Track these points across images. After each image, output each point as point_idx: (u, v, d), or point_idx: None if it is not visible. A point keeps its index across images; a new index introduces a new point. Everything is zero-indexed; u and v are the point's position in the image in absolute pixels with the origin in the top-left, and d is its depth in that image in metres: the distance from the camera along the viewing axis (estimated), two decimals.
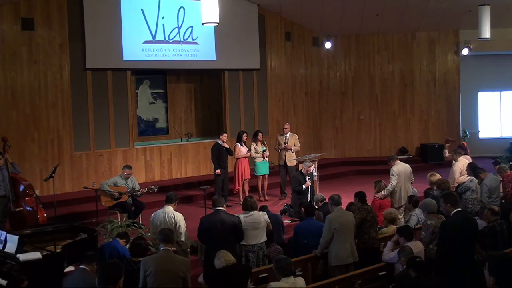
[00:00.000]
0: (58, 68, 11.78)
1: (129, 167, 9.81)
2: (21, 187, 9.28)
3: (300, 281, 5.58)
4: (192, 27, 13.37)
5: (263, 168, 11.71)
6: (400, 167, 9.48)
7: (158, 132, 14.31)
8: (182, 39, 13.32)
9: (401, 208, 9.36)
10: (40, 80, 11.59)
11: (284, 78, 15.25)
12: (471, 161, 10.17)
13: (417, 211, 7.95)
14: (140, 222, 9.17)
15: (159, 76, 14.19)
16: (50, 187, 10.79)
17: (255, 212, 7.26)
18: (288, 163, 11.69)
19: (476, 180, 9.10)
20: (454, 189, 9.18)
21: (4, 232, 6.71)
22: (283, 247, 7.75)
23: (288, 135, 11.85)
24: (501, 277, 4.05)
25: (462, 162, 9.94)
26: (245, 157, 11.45)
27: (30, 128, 11.50)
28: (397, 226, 7.83)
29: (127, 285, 5.21)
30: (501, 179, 9.38)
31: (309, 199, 9.79)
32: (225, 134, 11.39)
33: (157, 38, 12.96)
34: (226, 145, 11.23)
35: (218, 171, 11.05)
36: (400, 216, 9.20)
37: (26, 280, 5.22)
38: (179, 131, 14.21)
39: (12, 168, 9.32)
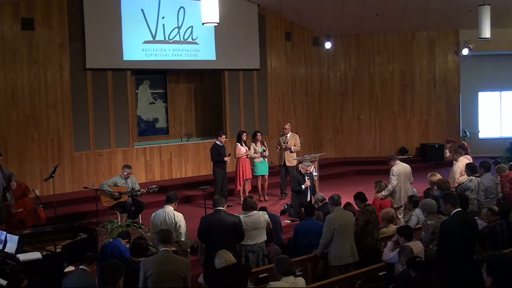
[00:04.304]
0: (58, 68, 11.78)
1: (129, 167, 9.81)
2: (20, 189, 9.29)
3: (300, 281, 5.58)
4: (192, 27, 13.37)
5: (262, 168, 11.71)
6: (400, 167, 9.48)
7: (158, 132, 14.31)
8: (182, 39, 13.32)
9: (401, 208, 9.36)
10: (40, 80, 11.59)
11: (284, 78, 15.25)
12: (471, 161, 10.16)
13: (417, 211, 7.94)
14: (140, 222, 9.16)
15: (159, 76, 14.19)
16: (50, 187, 10.79)
17: (255, 212, 7.27)
18: (288, 163, 11.69)
19: (475, 180, 9.09)
20: (454, 189, 9.18)
21: (4, 232, 6.71)
22: (282, 247, 7.78)
23: (288, 135, 11.84)
24: (499, 277, 4.04)
25: (463, 162, 9.92)
26: (245, 156, 11.45)
27: (30, 128, 11.50)
28: (397, 225, 7.84)
29: (127, 285, 5.22)
30: (499, 179, 9.38)
31: (308, 199, 9.79)
32: (224, 136, 11.39)
33: (157, 38, 12.96)
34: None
35: (226, 158, 11.12)
36: (400, 216, 9.21)
37: (26, 280, 5.22)
38: (179, 131, 14.21)
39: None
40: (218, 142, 11.25)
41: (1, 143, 10.93)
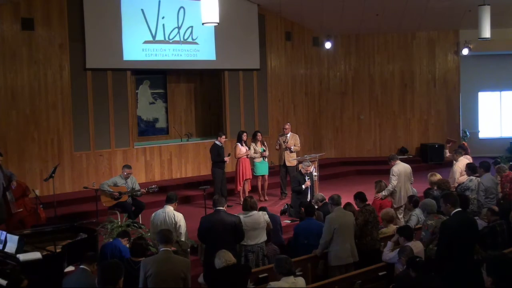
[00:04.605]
0: (58, 68, 11.78)
1: (129, 167, 9.81)
2: (20, 189, 9.29)
3: (300, 281, 5.58)
4: (192, 27, 13.37)
5: (262, 168, 11.70)
6: (401, 167, 9.48)
7: (158, 132, 14.31)
8: (182, 39, 13.32)
9: (401, 208, 9.36)
10: (40, 80, 11.59)
11: (284, 78, 15.25)
12: (471, 161, 10.16)
13: (417, 211, 7.95)
14: (140, 222, 9.17)
15: (159, 76, 14.19)
16: (50, 187, 10.79)
17: (255, 212, 7.26)
18: (288, 163, 11.68)
19: (475, 180, 9.09)
20: (454, 189, 9.17)
21: (4, 232, 6.71)
22: (282, 247, 7.78)
23: (288, 135, 11.83)
24: (499, 277, 4.04)
25: (463, 162, 9.92)
26: (246, 155, 11.45)
27: (30, 128, 11.50)
28: (397, 225, 7.83)
29: (127, 285, 5.21)
30: (499, 179, 9.38)
31: (309, 199, 9.79)
32: (223, 136, 11.38)
33: (157, 38, 12.96)
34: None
35: (226, 158, 11.09)
36: (400, 216, 9.21)
37: (26, 280, 5.22)
38: (179, 131, 14.21)
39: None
40: (217, 142, 11.25)
41: (1, 143, 10.94)
